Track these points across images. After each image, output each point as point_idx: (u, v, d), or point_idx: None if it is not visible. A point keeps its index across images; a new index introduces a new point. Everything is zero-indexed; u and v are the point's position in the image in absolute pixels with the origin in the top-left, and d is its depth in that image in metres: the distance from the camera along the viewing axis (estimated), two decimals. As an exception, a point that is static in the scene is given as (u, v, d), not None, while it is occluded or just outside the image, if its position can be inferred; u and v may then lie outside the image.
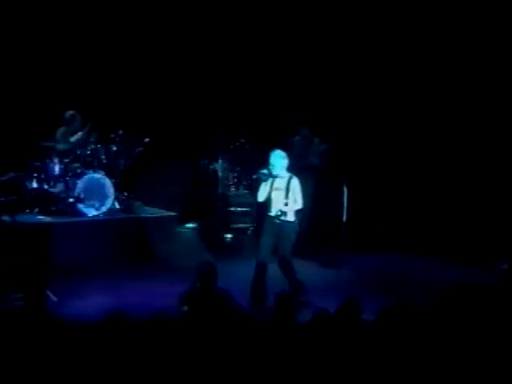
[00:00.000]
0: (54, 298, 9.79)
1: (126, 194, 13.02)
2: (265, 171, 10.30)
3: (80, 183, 12.28)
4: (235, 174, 14.35)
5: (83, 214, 12.26)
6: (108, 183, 12.44)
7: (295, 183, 10.33)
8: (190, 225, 14.46)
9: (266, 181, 10.28)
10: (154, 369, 5.97)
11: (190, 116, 14.20)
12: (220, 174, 14.25)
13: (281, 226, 10.27)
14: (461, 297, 6.94)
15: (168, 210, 13.41)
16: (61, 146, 12.58)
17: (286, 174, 10.35)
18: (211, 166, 14.38)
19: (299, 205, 10.36)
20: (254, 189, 10.61)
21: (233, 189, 14.33)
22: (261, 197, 10.41)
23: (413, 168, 14.11)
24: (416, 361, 6.16)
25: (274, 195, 10.31)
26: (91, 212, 12.31)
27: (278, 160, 10.30)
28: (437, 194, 13.95)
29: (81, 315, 8.65)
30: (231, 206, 14.27)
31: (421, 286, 10.82)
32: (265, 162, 10.39)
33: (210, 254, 12.70)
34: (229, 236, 14.12)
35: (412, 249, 12.93)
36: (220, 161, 14.24)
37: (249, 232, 14.27)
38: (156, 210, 13.30)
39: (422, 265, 12.31)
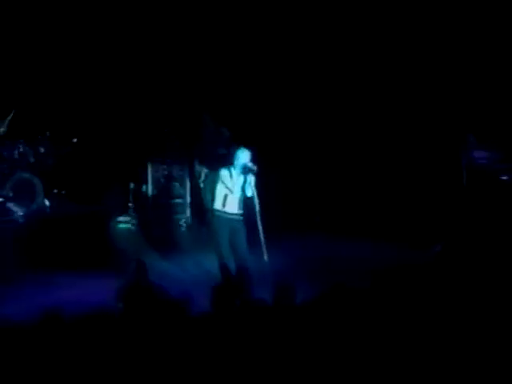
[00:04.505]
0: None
1: (55, 191, 12.89)
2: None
3: (9, 183, 12.15)
4: (165, 166, 14.32)
5: (13, 214, 12.12)
6: (37, 181, 12.32)
7: None
8: (123, 219, 14.38)
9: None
10: (95, 367, 5.93)
11: (117, 112, 14.12)
12: (150, 166, 14.20)
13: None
14: (392, 278, 7.06)
15: (100, 206, 13.32)
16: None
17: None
18: (141, 159, 14.33)
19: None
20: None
21: (163, 181, 14.29)
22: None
23: (346, 152, 14.22)
24: (353, 345, 6.23)
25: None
26: (21, 211, 12.17)
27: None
28: (371, 178, 14.06)
29: (16, 316, 8.54)
30: (163, 199, 14.25)
31: (356, 269, 10.88)
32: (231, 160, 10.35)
33: (144, 248, 12.67)
34: (162, 231, 14.09)
35: (347, 234, 13.02)
36: (149, 153, 14.22)
37: (182, 224, 14.26)
38: (87, 206, 13.20)
39: (356, 249, 12.41)
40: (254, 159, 10.30)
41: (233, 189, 10.25)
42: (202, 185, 13.96)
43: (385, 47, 13.98)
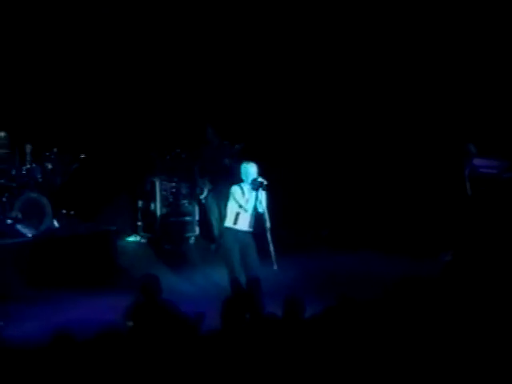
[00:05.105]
0: (0, 322, 9.67)
1: (64, 212, 12.91)
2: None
3: (17, 203, 12.15)
4: (173, 184, 14.32)
5: (22, 235, 12.11)
6: (45, 202, 12.32)
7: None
8: (131, 238, 14.38)
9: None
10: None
11: (124, 129, 14.16)
12: (158, 184, 14.21)
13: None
14: (404, 289, 7.05)
15: (108, 224, 13.33)
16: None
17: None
18: (149, 178, 14.35)
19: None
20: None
21: (171, 199, 14.29)
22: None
23: (351, 166, 14.23)
24: (364, 359, 6.23)
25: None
26: (30, 232, 12.17)
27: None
28: (376, 191, 14.06)
29: (26, 335, 8.56)
30: (171, 217, 14.24)
31: (365, 282, 10.88)
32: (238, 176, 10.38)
33: (154, 265, 12.65)
34: (171, 246, 14.08)
35: (355, 247, 13.01)
36: (157, 171, 14.23)
37: (191, 241, 14.26)
38: (96, 225, 13.21)
39: (364, 262, 12.40)
40: (261, 173, 10.29)
41: (245, 206, 10.19)
42: (203, 200, 13.97)
43: (387, 59, 14.02)
